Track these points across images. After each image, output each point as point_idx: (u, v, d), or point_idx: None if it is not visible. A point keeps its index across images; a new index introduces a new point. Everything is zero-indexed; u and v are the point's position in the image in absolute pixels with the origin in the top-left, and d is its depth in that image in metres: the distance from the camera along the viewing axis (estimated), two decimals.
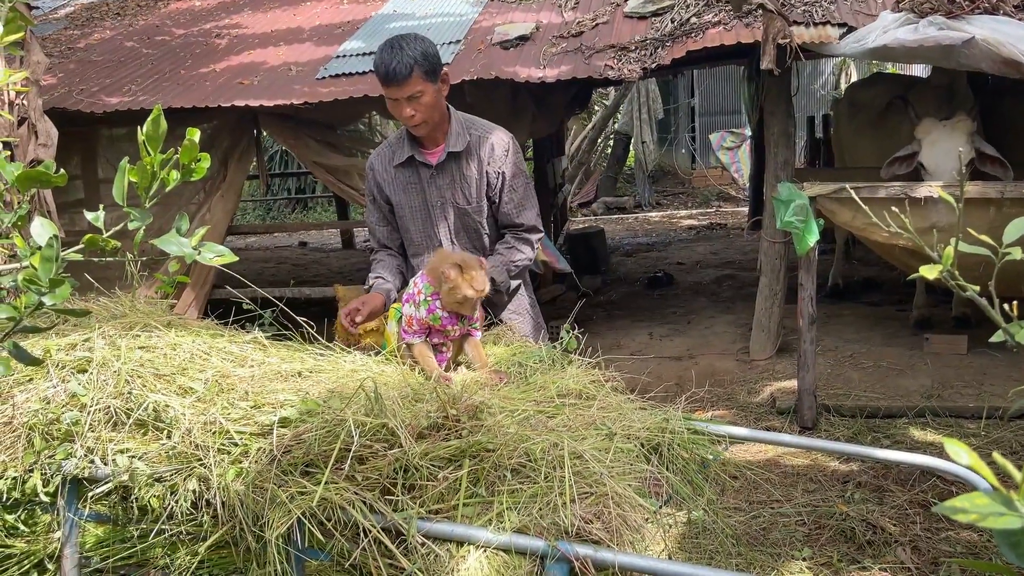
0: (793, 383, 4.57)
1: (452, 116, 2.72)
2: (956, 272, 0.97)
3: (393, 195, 2.75)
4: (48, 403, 1.85)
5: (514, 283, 2.84)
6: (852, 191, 3.03)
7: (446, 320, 2.22)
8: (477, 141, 2.70)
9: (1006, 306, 0.91)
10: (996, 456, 0.64)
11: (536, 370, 2.24)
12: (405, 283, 2.69)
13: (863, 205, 1.16)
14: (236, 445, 1.73)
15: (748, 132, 12.04)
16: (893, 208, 1.16)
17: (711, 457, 2.05)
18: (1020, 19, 4.07)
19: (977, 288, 0.96)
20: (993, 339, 1.03)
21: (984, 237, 1.01)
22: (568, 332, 2.36)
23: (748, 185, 11.80)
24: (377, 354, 2.33)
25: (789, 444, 2.62)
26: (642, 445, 1.89)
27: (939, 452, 3.78)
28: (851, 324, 5.86)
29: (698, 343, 5.81)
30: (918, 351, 5.11)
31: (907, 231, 1.02)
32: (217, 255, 1.35)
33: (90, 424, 1.81)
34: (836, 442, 2.40)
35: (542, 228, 2.81)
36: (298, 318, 2.23)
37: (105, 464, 1.76)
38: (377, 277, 2.74)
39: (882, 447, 3.86)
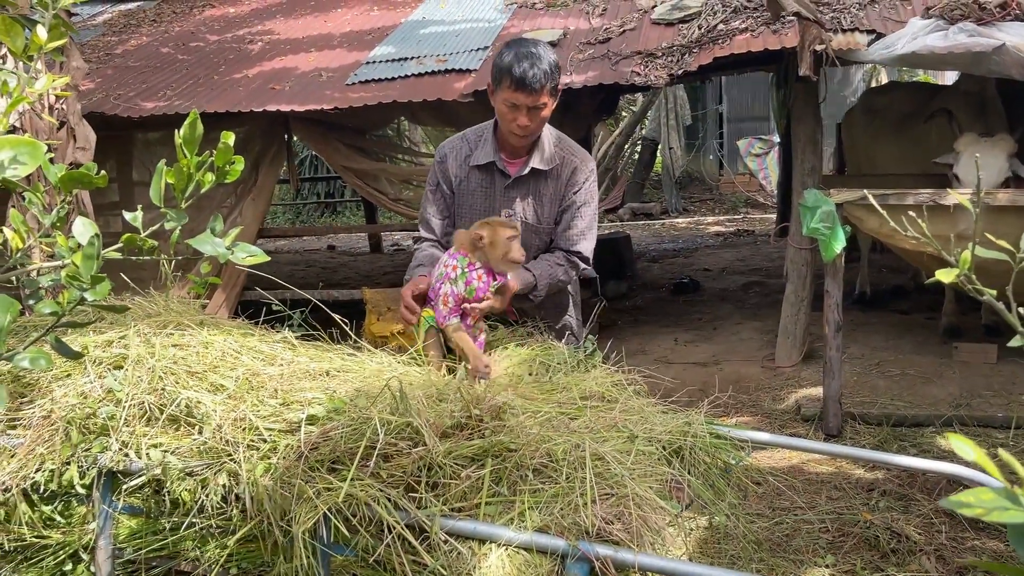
0: (819, 390, 4.55)
1: (545, 131, 2.65)
2: (973, 276, 0.99)
3: (460, 193, 2.69)
4: (85, 398, 1.91)
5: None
6: (876, 199, 3.02)
7: (481, 290, 2.31)
8: (562, 163, 2.65)
9: (1022, 310, 0.92)
10: (1002, 452, 0.66)
11: (560, 371, 2.27)
12: None
13: (883, 212, 1.17)
14: (265, 441, 1.77)
15: (776, 139, 11.98)
16: (911, 214, 1.17)
17: (733, 462, 2.06)
18: None
19: (995, 292, 0.97)
20: (1012, 343, 1.04)
21: (1002, 243, 1.02)
22: (592, 342, 2.39)
23: (776, 192, 11.74)
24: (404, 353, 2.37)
25: (812, 450, 2.62)
26: (664, 448, 1.90)
27: (967, 461, 3.75)
28: (879, 332, 5.81)
29: (723, 349, 5.79)
30: (947, 359, 5.06)
31: (926, 237, 1.03)
32: (250, 255, 1.39)
33: (125, 419, 1.86)
34: (861, 449, 2.40)
35: (590, 261, 2.75)
36: (333, 315, 2.27)
37: (139, 458, 1.81)
38: (419, 265, 2.64)
39: (908, 455, 3.83)
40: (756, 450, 2.47)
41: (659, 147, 14.86)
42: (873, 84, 14.80)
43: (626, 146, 15.89)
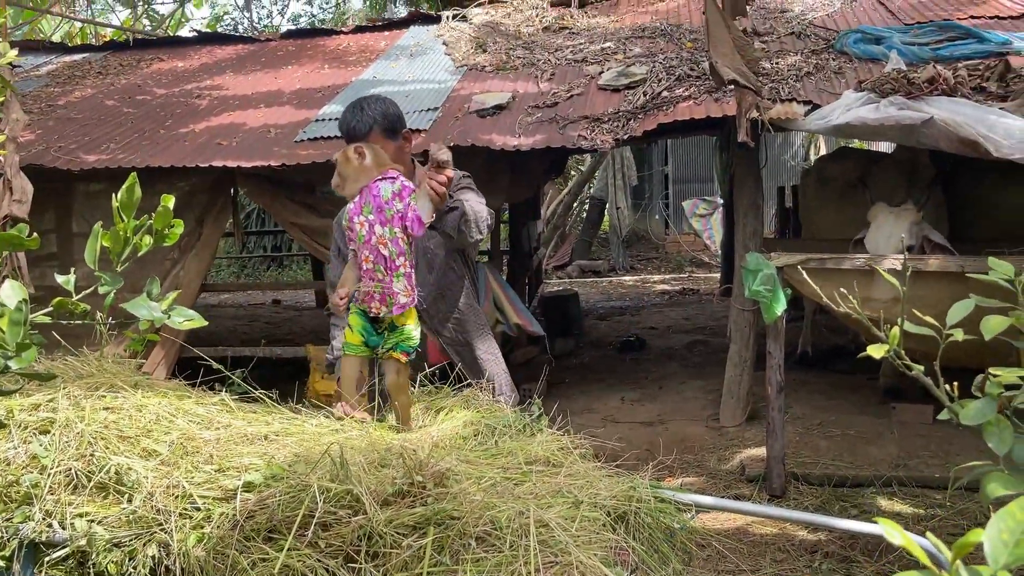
0: (763, 450, 4.59)
1: (416, 171, 2.89)
2: (902, 352, 1.01)
3: None
4: (8, 464, 1.82)
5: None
6: (815, 263, 3.10)
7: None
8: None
9: (947, 387, 0.95)
10: (929, 536, 0.67)
11: (505, 434, 2.25)
12: None
13: (809, 280, 1.20)
14: (199, 510, 1.71)
15: (720, 200, 12.29)
16: (843, 291, 1.20)
17: (678, 526, 2.06)
18: (977, 101, 4.25)
19: (922, 368, 1.00)
20: (941, 416, 1.07)
21: (928, 319, 1.05)
22: (539, 405, 2.39)
23: (720, 252, 12.00)
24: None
25: (755, 513, 2.63)
26: (609, 514, 1.89)
27: (905, 524, 3.80)
28: (820, 391, 5.91)
29: (669, 409, 5.83)
30: (886, 419, 5.16)
31: (856, 311, 1.06)
32: (187, 319, 1.36)
33: (50, 487, 1.78)
34: (802, 512, 2.41)
35: (489, 224, 2.89)
36: (259, 391, 2.22)
37: (63, 528, 1.73)
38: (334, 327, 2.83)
39: (850, 516, 3.87)
40: (701, 513, 2.48)
41: (607, 206, 15.13)
42: (812, 151, 15.38)
43: (575, 205, 16.14)
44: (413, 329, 2.40)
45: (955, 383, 0.99)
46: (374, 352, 2.38)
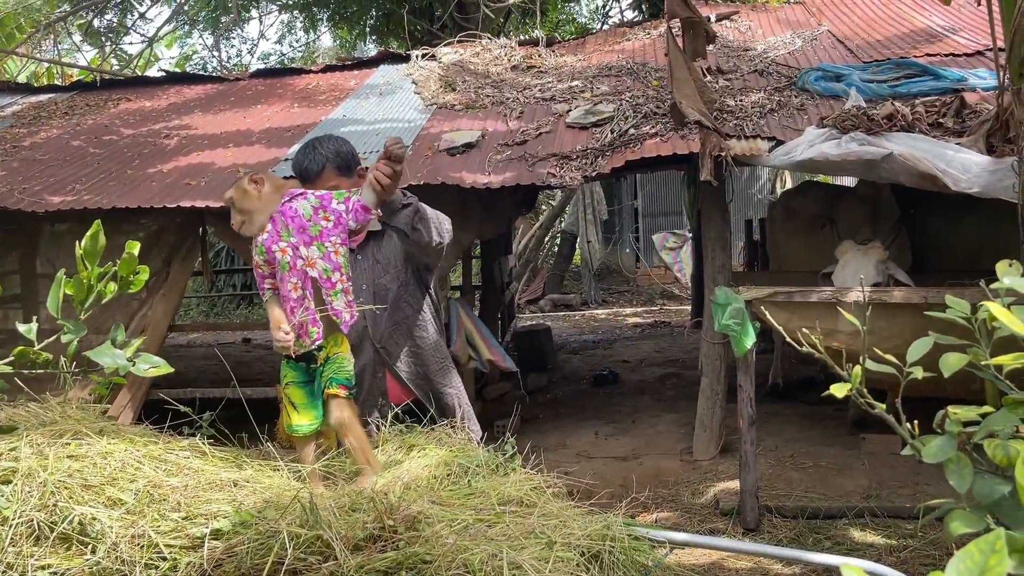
0: (736, 483, 4.60)
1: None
2: (865, 390, 1.03)
3: None
4: None
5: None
6: (782, 296, 3.14)
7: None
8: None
9: (908, 425, 0.96)
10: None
11: (477, 474, 2.24)
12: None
13: (771, 319, 1.22)
14: (164, 559, 1.67)
15: (689, 233, 12.44)
16: (805, 330, 1.22)
17: (652, 563, 2.05)
18: (934, 137, 4.36)
19: (884, 406, 1.01)
20: (904, 452, 1.08)
21: (890, 356, 1.07)
22: (512, 444, 2.38)
23: (690, 284, 12.11)
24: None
25: (729, 549, 2.63)
26: (583, 553, 1.88)
27: (878, 555, 3.82)
28: (791, 423, 5.95)
29: (643, 443, 5.83)
30: (855, 450, 5.20)
31: (820, 351, 1.07)
32: (152, 366, 1.34)
33: (11, 538, 1.74)
34: (776, 547, 2.42)
35: (447, 234, 2.85)
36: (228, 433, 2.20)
37: None
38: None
39: (824, 549, 3.88)
40: (675, 549, 2.47)
41: (578, 240, 15.24)
42: (778, 184, 15.64)
43: (546, 239, 16.25)
44: (346, 359, 2.37)
45: (915, 422, 1.01)
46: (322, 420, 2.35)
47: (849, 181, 10.40)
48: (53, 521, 1.75)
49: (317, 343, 2.32)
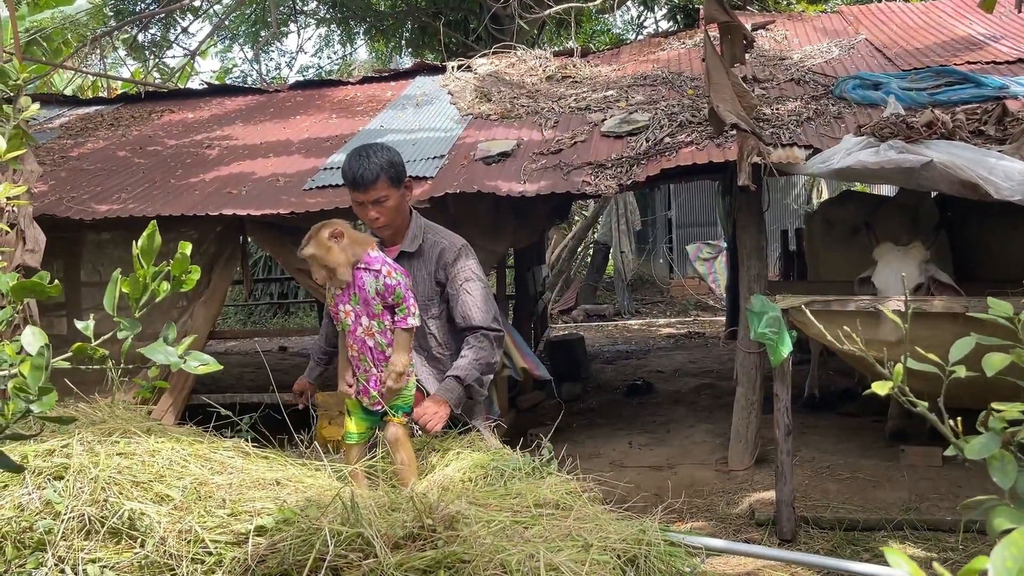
0: (772, 494, 4.55)
1: (413, 220, 2.94)
2: (907, 388, 1.03)
3: None
4: (22, 511, 1.84)
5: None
6: (819, 305, 3.12)
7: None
8: (431, 245, 2.92)
9: (951, 422, 0.97)
10: (936, 566, 0.68)
11: (514, 477, 2.26)
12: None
13: (813, 319, 1.23)
14: (210, 554, 1.72)
15: (724, 244, 12.35)
16: (846, 328, 1.23)
17: (688, 570, 2.05)
18: (975, 145, 4.30)
19: (926, 404, 1.02)
20: (947, 453, 1.08)
21: (931, 355, 1.07)
22: (549, 449, 2.41)
23: (725, 295, 12.02)
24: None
25: (765, 556, 2.61)
26: (619, 557, 1.89)
27: (919, 566, 3.75)
28: (828, 435, 5.88)
29: (677, 452, 5.79)
30: (894, 462, 5.12)
31: (861, 350, 1.08)
32: (202, 363, 1.39)
33: (63, 532, 1.79)
34: (813, 555, 2.40)
35: (500, 327, 2.93)
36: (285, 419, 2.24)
37: (75, 574, 1.74)
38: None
39: (862, 560, 3.83)
40: (711, 556, 2.46)
41: (611, 251, 15.20)
42: (814, 194, 15.48)
43: (579, 249, 16.24)
44: (409, 393, 2.46)
45: (959, 418, 1.01)
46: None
47: (888, 190, 10.29)
48: (104, 516, 1.81)
49: (377, 409, 2.40)
